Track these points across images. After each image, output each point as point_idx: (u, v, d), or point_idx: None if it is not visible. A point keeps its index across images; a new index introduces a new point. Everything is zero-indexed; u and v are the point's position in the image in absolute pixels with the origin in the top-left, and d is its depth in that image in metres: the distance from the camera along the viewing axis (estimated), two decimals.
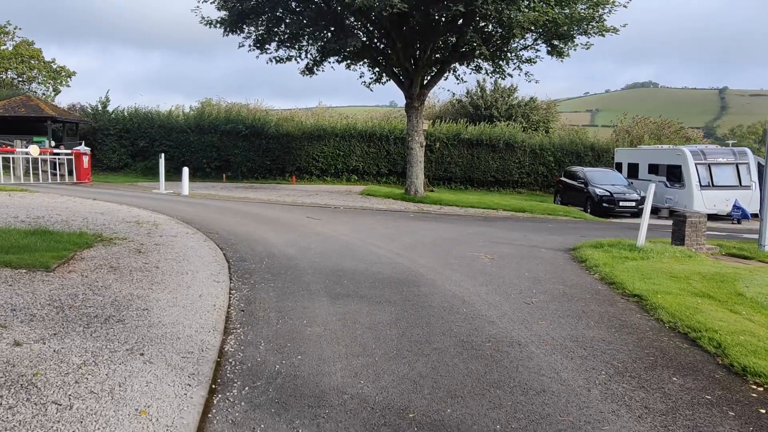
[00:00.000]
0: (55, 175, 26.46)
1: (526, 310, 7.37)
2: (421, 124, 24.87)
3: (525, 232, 16.47)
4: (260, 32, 24.69)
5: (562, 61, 23.98)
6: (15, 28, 52.75)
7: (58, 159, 26.18)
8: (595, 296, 8.39)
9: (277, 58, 26.51)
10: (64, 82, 55.58)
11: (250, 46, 25.33)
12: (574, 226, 19.01)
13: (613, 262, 10.98)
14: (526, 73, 25.39)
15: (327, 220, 16.58)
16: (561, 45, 22.75)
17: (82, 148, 26.19)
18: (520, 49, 24.82)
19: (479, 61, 25.86)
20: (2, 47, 51.96)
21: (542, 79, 28.21)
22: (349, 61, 26.84)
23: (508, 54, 25.18)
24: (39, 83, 54.47)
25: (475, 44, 20.86)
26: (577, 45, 23.05)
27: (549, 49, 23.19)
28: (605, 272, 10.13)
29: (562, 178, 28.46)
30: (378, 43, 25.32)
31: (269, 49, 25.51)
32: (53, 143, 30.07)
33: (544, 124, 44.26)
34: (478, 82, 44.88)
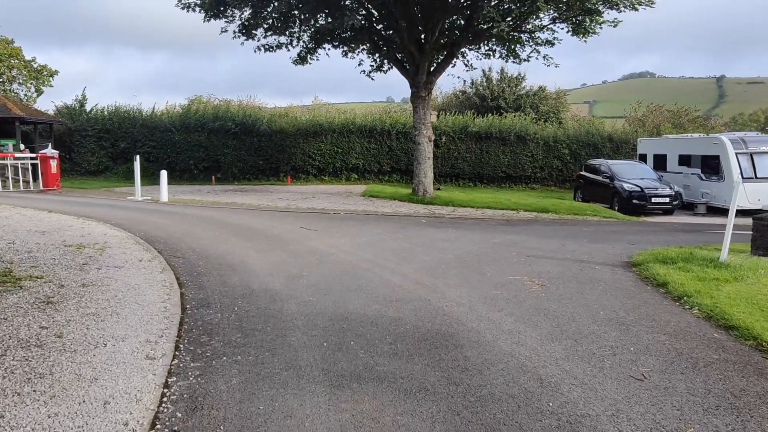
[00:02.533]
0: (27, 181, 23.63)
1: (646, 396, 4.61)
2: (429, 116, 22.05)
3: (560, 239, 13.74)
4: (245, 16, 21.88)
5: (585, 41, 21.17)
6: None
7: (21, 164, 23.34)
8: (723, 355, 5.62)
9: (267, 46, 23.70)
10: (46, 82, 52.74)
11: (234, 32, 22.52)
12: (611, 230, 16.28)
13: (706, 289, 8.21)
14: (545, 57, 22.59)
15: (325, 231, 13.81)
16: (587, 22, 19.93)
17: (49, 151, 23.37)
18: (535, 31, 22.08)
19: (492, 43, 23.10)
20: None
21: (539, 70, 25.71)
22: (346, 48, 24.04)
23: (522, 37, 22.43)
24: (20, 84, 51.68)
25: (492, 21, 18.04)
26: (604, 22, 20.23)
27: (573, 27, 20.34)
28: (707, 305, 7.37)
29: (583, 173, 25.76)
30: (378, 26, 22.50)
31: (256, 35, 22.68)
32: (22, 146, 27.25)
33: (554, 114, 41.44)
34: (483, 71, 42.13)
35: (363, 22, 19.75)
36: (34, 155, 23.70)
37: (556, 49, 22.01)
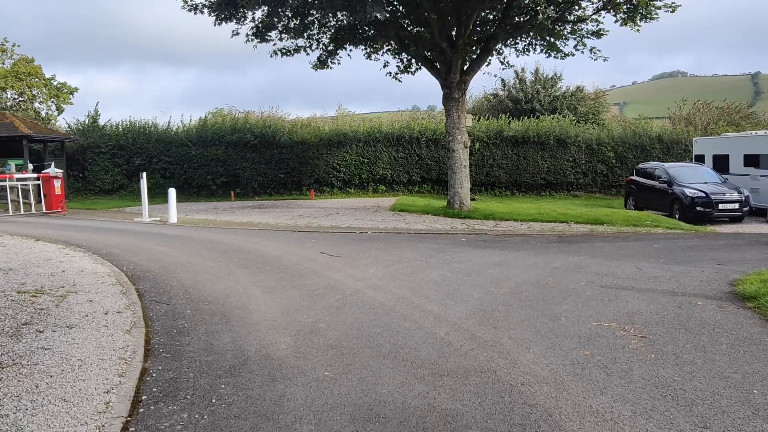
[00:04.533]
0: (28, 203, 21.93)
1: None
2: (464, 119, 19.77)
3: (631, 260, 11.39)
4: (259, 17, 19.94)
5: (638, 30, 18.71)
6: (14, 45, 49.23)
7: (22, 185, 21.64)
8: None
9: (284, 50, 21.71)
10: (66, 100, 51.94)
11: (247, 35, 20.60)
12: (686, 245, 13.83)
13: None
14: (591, 50, 20.19)
15: (350, 257, 11.64)
16: (642, 7, 17.47)
17: (52, 170, 21.63)
18: (577, 22, 19.72)
19: (531, 37, 20.78)
20: None
21: (572, 70, 23.28)
22: (369, 48, 21.93)
23: (564, 30, 20.08)
24: (40, 102, 50.96)
25: (535, 8, 15.76)
26: (662, 6, 17.78)
27: (627, 14, 17.90)
28: None
29: (635, 177, 23.27)
30: (404, 21, 20.36)
31: (270, 37, 20.73)
32: (30, 166, 25.72)
33: (593, 116, 38.77)
34: (516, 72, 39.63)
35: (387, 15, 17.60)
36: (35, 175, 22.01)
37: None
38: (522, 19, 19.04)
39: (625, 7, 17.96)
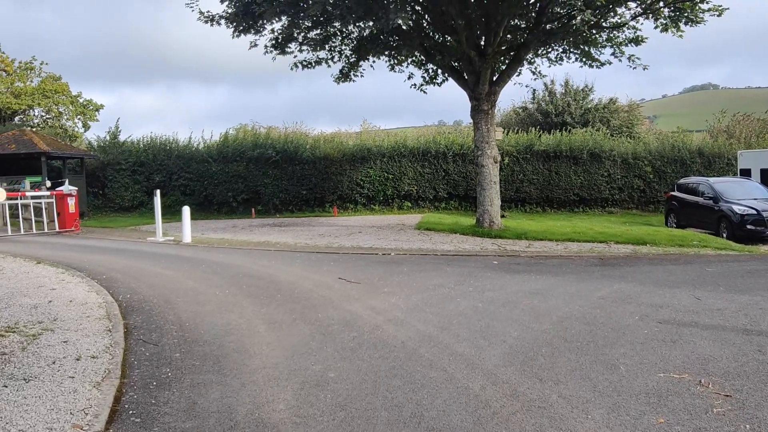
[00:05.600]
0: (41, 222, 21.26)
1: None
2: (494, 133, 18.60)
3: (686, 287, 10.09)
4: (278, 28, 19.12)
5: (681, 35, 17.44)
6: (42, 64, 49.58)
7: (35, 203, 20.98)
8: None
9: (304, 63, 20.86)
10: (92, 117, 52.11)
11: (266, 47, 19.80)
12: (743, 269, 12.44)
13: None
14: (629, 57, 18.94)
15: (370, 283, 10.53)
16: (688, 10, 16.20)
17: (66, 187, 20.97)
18: (614, 28, 18.55)
19: (564, 45, 19.62)
20: (27, 83, 48.85)
21: (602, 83, 21.97)
22: (392, 60, 20.96)
23: (599, 38, 18.92)
24: (67, 119, 51.19)
25: (571, 10, 14.62)
26: (708, 10, 16.48)
27: (671, 17, 16.65)
28: None
29: (676, 193, 21.93)
30: (429, 29, 19.34)
31: (290, 49, 19.88)
32: (48, 183, 25.21)
33: (627, 128, 37.27)
34: (545, 84, 38.38)
35: (410, 23, 16.55)
36: (49, 193, 21.36)
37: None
38: (555, 26, 17.94)
39: (666, 10, 16.75)
